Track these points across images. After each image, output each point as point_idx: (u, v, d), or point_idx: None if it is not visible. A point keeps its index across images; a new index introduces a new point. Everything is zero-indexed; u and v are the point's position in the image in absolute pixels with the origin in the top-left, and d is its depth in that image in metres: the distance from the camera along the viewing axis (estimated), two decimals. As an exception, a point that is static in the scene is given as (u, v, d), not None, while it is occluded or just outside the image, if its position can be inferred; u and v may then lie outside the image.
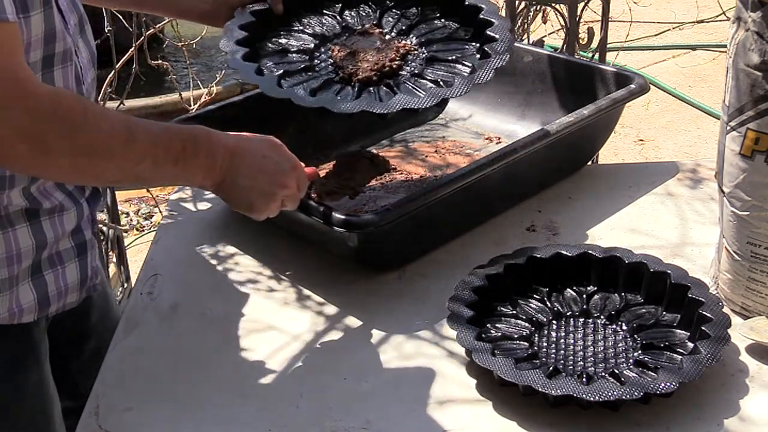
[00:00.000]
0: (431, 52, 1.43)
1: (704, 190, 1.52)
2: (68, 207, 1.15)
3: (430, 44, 1.45)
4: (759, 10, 1.08)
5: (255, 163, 1.12)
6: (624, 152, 3.64)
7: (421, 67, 1.40)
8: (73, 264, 1.17)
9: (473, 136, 1.72)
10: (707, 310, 1.14)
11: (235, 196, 1.12)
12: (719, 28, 4.61)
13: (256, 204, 1.13)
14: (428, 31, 1.48)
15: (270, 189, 1.12)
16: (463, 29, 1.46)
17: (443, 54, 1.42)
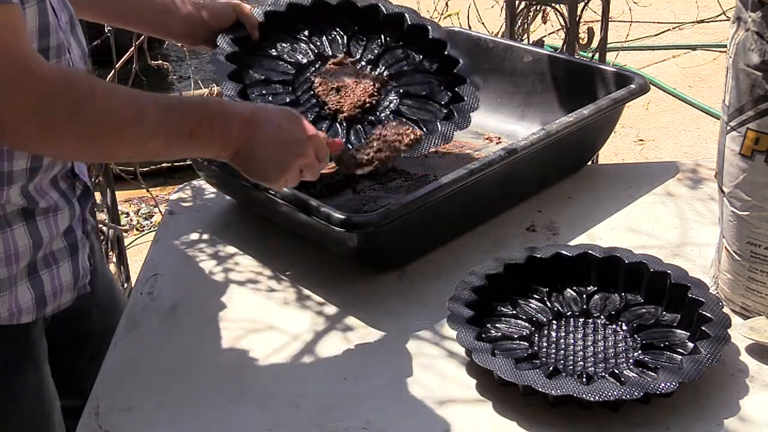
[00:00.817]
0: (402, 86, 1.52)
1: (704, 190, 1.52)
2: (62, 207, 1.15)
3: (400, 77, 1.54)
4: (759, 10, 1.08)
5: (271, 134, 1.11)
6: (624, 152, 3.64)
7: (396, 102, 1.50)
8: (67, 263, 1.17)
9: (473, 136, 1.72)
10: (707, 310, 1.14)
11: (250, 166, 1.12)
12: (719, 28, 4.61)
13: (272, 175, 1.13)
14: (395, 61, 1.56)
15: (286, 159, 1.12)
16: (426, 61, 1.56)
17: (414, 88, 1.53)
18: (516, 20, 2.45)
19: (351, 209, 1.44)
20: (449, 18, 3.44)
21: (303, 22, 1.57)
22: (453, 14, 3.40)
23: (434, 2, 3.59)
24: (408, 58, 1.56)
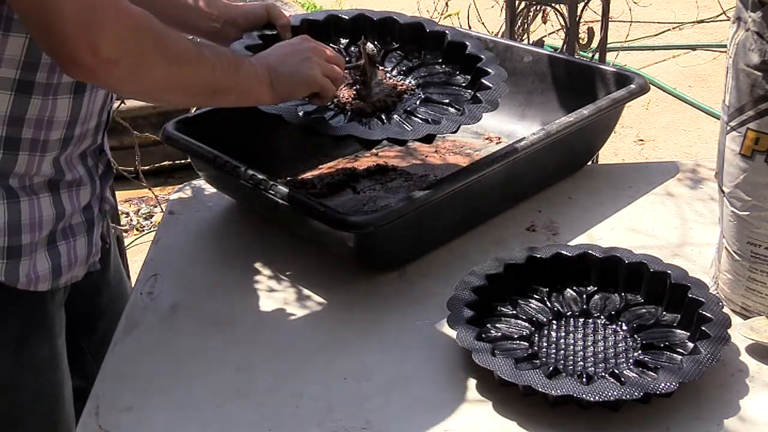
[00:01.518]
0: (427, 93, 1.48)
1: (704, 190, 1.52)
2: (85, 182, 1.19)
3: (428, 87, 1.50)
4: (759, 10, 1.08)
5: (283, 53, 1.25)
6: (624, 152, 3.64)
7: (414, 105, 1.45)
8: (83, 238, 1.20)
9: (473, 136, 1.72)
10: (707, 310, 1.14)
11: (290, 83, 1.24)
12: (719, 28, 4.61)
13: (304, 71, 1.25)
14: (428, 74, 1.53)
15: (304, 57, 1.25)
16: (461, 75, 1.53)
17: (438, 97, 1.48)
18: (516, 20, 2.46)
19: (351, 209, 1.44)
20: (449, 18, 3.44)
21: (341, 34, 1.56)
22: (453, 14, 3.40)
23: (434, 2, 3.59)
24: (444, 73, 1.54)
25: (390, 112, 1.43)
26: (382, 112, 1.42)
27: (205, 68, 1.12)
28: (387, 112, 1.43)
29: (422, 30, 1.57)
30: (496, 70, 1.47)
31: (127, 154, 2.58)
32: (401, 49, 1.58)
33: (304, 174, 1.60)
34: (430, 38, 1.56)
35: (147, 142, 2.72)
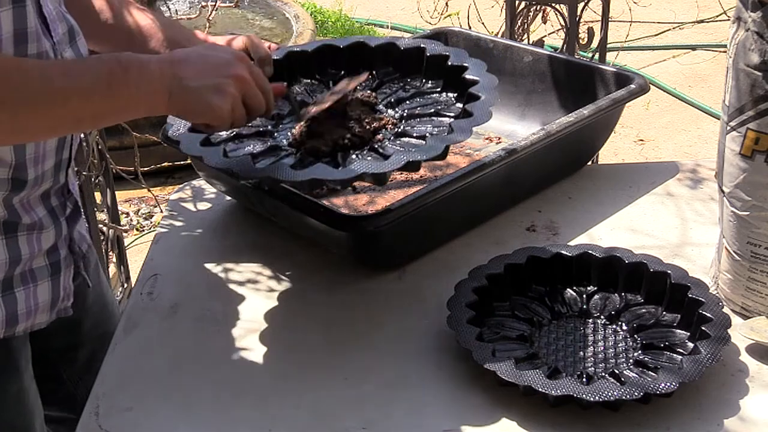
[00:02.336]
0: (408, 124, 1.29)
1: (704, 190, 1.52)
2: (47, 225, 1.13)
3: (412, 118, 1.31)
4: (759, 10, 1.08)
5: (197, 63, 1.06)
6: (624, 152, 3.64)
7: (389, 138, 1.26)
8: (46, 283, 1.14)
9: (473, 136, 1.71)
10: (707, 310, 1.14)
11: (190, 102, 1.05)
12: (719, 28, 4.62)
13: (212, 101, 1.05)
14: (420, 105, 1.34)
15: (216, 80, 1.05)
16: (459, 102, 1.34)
17: (420, 124, 1.29)
18: (516, 20, 2.46)
19: (351, 209, 1.44)
20: (449, 18, 3.44)
21: (335, 65, 1.43)
22: (453, 14, 3.40)
23: (434, 2, 3.59)
24: (436, 103, 1.34)
25: (359, 149, 1.24)
26: (347, 150, 1.23)
27: (51, 106, 0.97)
28: (355, 149, 1.24)
29: (422, 54, 1.40)
30: (485, 82, 1.29)
31: (126, 155, 2.59)
32: (400, 78, 1.41)
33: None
34: (429, 63, 1.39)
35: (147, 143, 2.72)
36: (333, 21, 4.87)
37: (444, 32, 1.86)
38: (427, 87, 1.38)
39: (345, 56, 1.42)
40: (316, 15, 4.89)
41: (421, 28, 4.00)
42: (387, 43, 1.42)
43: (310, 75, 1.42)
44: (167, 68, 1.04)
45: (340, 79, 1.35)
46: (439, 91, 1.36)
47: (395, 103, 1.34)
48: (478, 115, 1.19)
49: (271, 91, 1.13)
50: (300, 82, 1.42)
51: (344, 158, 1.20)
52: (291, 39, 3.99)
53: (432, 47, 1.39)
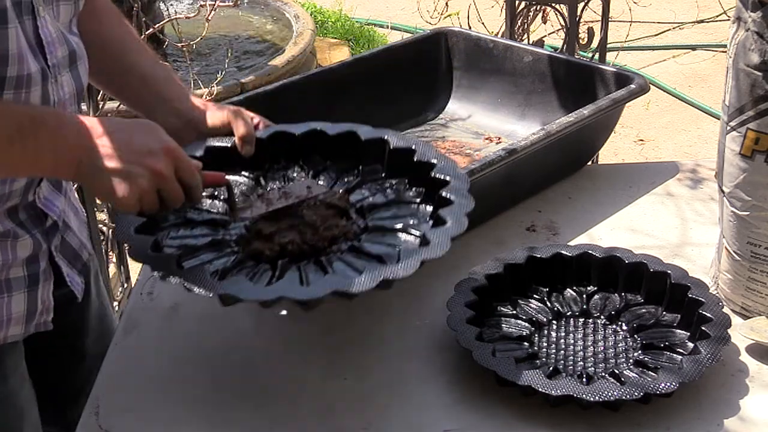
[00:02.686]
0: (374, 221, 1.17)
1: (704, 190, 1.52)
2: (21, 235, 1.10)
3: (375, 231, 1.16)
4: (759, 10, 1.08)
5: (117, 142, 0.99)
6: (624, 152, 3.64)
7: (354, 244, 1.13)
8: (22, 294, 1.12)
9: (473, 136, 1.72)
10: (707, 310, 1.13)
11: (95, 182, 1.00)
12: (719, 28, 4.62)
13: (117, 188, 0.99)
14: (392, 216, 1.17)
15: (131, 169, 0.98)
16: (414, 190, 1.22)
17: (389, 223, 1.16)
18: (516, 20, 2.46)
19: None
20: (449, 18, 3.44)
21: (322, 153, 1.29)
22: (453, 14, 3.40)
23: (434, 2, 3.59)
24: (411, 215, 1.17)
25: (309, 258, 1.11)
26: (295, 257, 1.10)
27: None
28: (304, 258, 1.10)
29: (412, 155, 1.24)
30: (456, 181, 1.17)
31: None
32: (384, 180, 1.25)
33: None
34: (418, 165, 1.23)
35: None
36: (333, 21, 4.87)
37: (444, 32, 1.86)
38: (409, 195, 1.21)
39: (333, 145, 1.27)
40: (316, 15, 4.89)
41: (421, 28, 4.00)
42: (378, 139, 1.26)
43: (294, 159, 1.27)
44: (85, 140, 0.99)
45: (322, 174, 1.25)
46: (419, 202, 1.19)
47: (368, 209, 1.18)
48: (432, 246, 1.05)
49: (198, 187, 1.05)
50: (273, 168, 1.27)
51: (283, 269, 1.07)
52: (291, 39, 3.99)
53: (423, 150, 1.22)
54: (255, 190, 1.23)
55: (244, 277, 1.06)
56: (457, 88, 1.84)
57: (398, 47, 1.86)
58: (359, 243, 1.10)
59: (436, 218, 1.09)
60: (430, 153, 1.22)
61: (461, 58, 1.83)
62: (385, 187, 1.21)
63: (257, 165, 1.24)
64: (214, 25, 2.92)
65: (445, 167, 1.20)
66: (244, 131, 1.22)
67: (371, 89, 1.74)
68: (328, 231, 1.12)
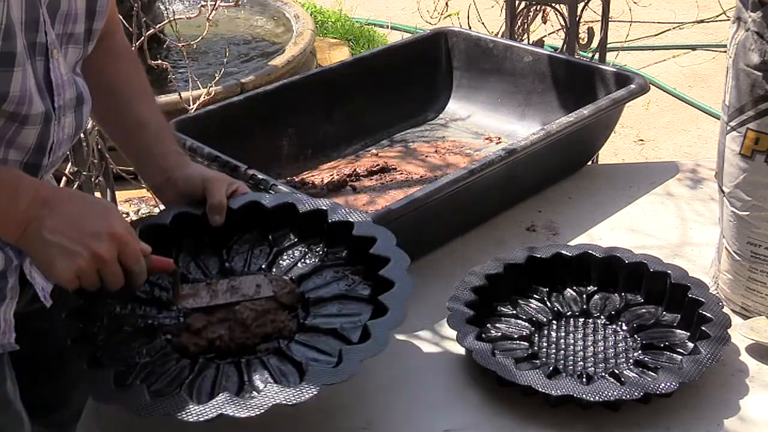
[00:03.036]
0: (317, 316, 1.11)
1: (704, 190, 1.52)
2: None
3: (310, 331, 1.10)
4: (759, 10, 1.08)
5: (66, 218, 0.99)
6: (624, 152, 3.63)
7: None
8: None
9: (473, 136, 1.72)
10: (707, 310, 1.14)
11: (37, 252, 1.00)
12: (719, 28, 4.61)
13: (57, 264, 0.98)
14: (329, 315, 1.12)
15: (73, 247, 0.98)
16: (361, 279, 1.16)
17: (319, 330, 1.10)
18: (516, 20, 2.46)
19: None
20: (449, 18, 3.44)
21: (292, 229, 1.23)
22: (453, 14, 3.40)
23: (434, 2, 3.59)
24: (352, 316, 1.11)
25: (236, 356, 1.07)
26: (221, 354, 1.07)
27: None
28: (231, 356, 1.07)
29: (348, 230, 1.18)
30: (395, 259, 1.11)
31: (127, 155, 2.58)
32: (344, 266, 1.18)
33: (304, 174, 1.60)
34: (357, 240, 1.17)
35: (147, 143, 2.71)
36: (333, 21, 4.87)
37: (444, 32, 1.86)
38: (360, 290, 1.14)
39: (303, 221, 1.22)
40: (316, 15, 4.89)
41: (421, 28, 4.00)
42: (343, 222, 1.18)
43: (264, 232, 1.24)
44: (36, 208, 0.98)
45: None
46: (368, 298, 1.12)
47: (313, 302, 1.13)
48: (344, 364, 0.99)
49: (141, 273, 1.03)
50: (242, 240, 1.24)
51: (201, 369, 1.04)
52: (291, 39, 3.99)
53: (384, 236, 1.15)
54: (207, 278, 1.18)
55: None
56: (457, 88, 1.84)
57: (398, 47, 1.87)
58: (287, 345, 1.06)
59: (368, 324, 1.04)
60: (388, 242, 1.15)
61: (461, 58, 1.83)
62: (340, 276, 1.16)
63: (227, 234, 1.22)
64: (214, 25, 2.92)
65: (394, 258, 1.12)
66: (215, 201, 1.20)
67: (371, 89, 1.75)
68: (260, 328, 1.08)
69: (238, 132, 1.55)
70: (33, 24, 0.99)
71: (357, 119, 1.73)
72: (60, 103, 1.07)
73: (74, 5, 1.06)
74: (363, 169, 1.58)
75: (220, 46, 3.95)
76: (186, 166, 1.24)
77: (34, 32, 1.00)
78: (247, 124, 1.58)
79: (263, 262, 1.19)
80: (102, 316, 1.10)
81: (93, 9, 1.10)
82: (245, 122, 1.58)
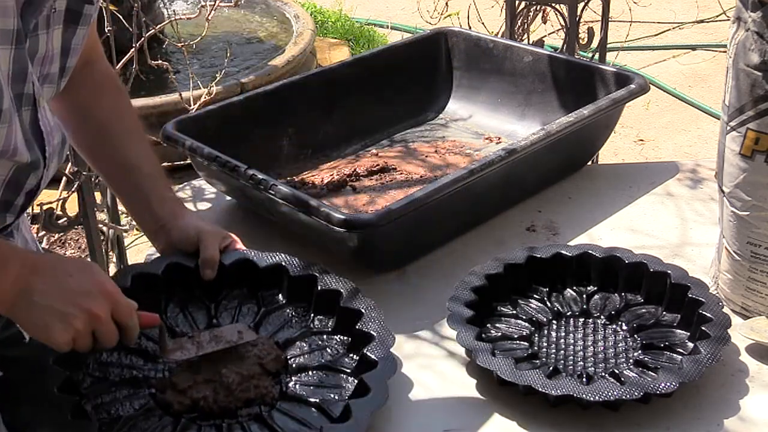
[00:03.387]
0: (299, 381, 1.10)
1: (704, 190, 1.52)
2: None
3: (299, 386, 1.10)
4: (759, 10, 1.08)
5: (56, 281, 0.98)
6: (624, 152, 3.63)
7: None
8: None
9: (473, 136, 1.72)
10: (707, 310, 1.14)
11: (31, 318, 0.98)
12: (719, 28, 4.61)
13: (52, 327, 0.96)
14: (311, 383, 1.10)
15: (66, 309, 0.97)
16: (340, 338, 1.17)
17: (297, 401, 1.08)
18: (516, 20, 2.46)
19: (351, 209, 1.44)
20: (449, 18, 3.44)
21: (280, 286, 1.23)
22: (453, 14, 3.40)
23: (434, 2, 3.59)
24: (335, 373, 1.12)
25: (218, 419, 1.05)
26: (204, 414, 1.06)
27: None
28: (213, 418, 1.05)
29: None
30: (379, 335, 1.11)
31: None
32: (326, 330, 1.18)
33: (304, 174, 1.60)
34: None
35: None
36: (333, 21, 4.87)
37: (444, 32, 1.86)
38: (344, 362, 1.13)
39: (294, 283, 1.23)
40: (316, 15, 4.89)
41: (421, 28, 4.00)
42: (332, 291, 1.20)
43: (256, 290, 1.24)
44: (26, 275, 0.97)
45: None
46: (350, 373, 1.11)
47: (296, 370, 1.12)
48: None
49: (134, 327, 1.03)
50: (231, 296, 1.24)
51: (183, 429, 1.03)
52: (291, 39, 3.99)
53: (371, 311, 1.15)
54: (190, 331, 1.17)
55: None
56: (457, 88, 1.84)
57: (398, 47, 1.86)
58: (269, 413, 1.05)
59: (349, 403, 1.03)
60: (375, 317, 1.15)
61: (461, 58, 1.83)
62: (324, 345, 1.16)
63: (217, 288, 1.22)
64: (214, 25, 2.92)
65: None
66: (207, 255, 1.20)
67: (371, 89, 1.75)
68: (243, 393, 1.06)
69: (238, 132, 1.55)
70: (21, 75, 0.96)
71: (357, 119, 1.73)
72: (50, 151, 1.05)
73: (51, 46, 1.03)
74: (363, 169, 1.58)
75: (220, 46, 3.95)
76: (181, 216, 1.23)
77: (21, 83, 0.97)
78: (247, 124, 1.58)
79: (250, 321, 1.19)
80: (88, 362, 1.10)
81: (68, 47, 1.07)
82: (245, 122, 1.58)
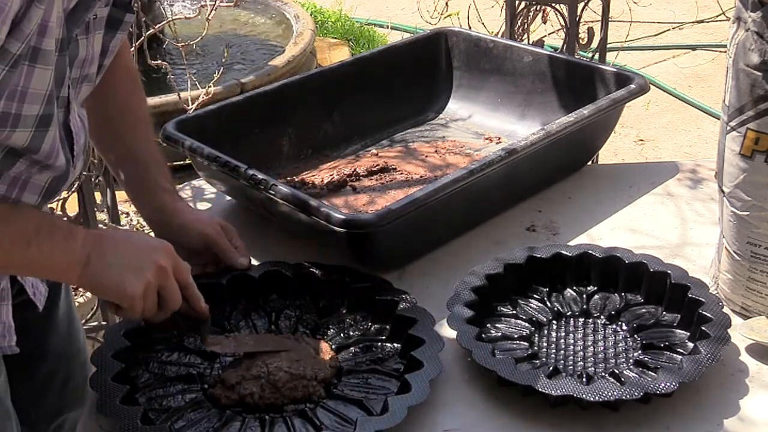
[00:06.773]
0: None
1: (704, 190, 1.52)
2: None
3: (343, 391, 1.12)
4: (759, 10, 1.08)
5: (121, 241, 1.06)
6: (624, 152, 3.64)
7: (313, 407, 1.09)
8: None
9: (473, 136, 1.72)
10: (707, 310, 1.14)
11: (105, 276, 1.03)
12: (719, 28, 4.61)
13: (127, 279, 1.02)
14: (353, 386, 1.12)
15: (137, 263, 1.04)
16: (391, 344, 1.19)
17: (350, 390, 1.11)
18: (516, 20, 2.46)
19: (352, 209, 1.44)
20: (449, 18, 3.44)
21: (279, 291, 1.28)
22: (453, 14, 3.40)
23: (434, 2, 3.59)
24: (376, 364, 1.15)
25: (265, 413, 1.08)
26: (252, 409, 1.08)
27: None
28: (259, 412, 1.08)
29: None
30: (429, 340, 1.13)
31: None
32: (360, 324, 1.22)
33: (304, 174, 1.60)
34: None
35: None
36: (333, 21, 4.87)
37: (444, 32, 1.86)
38: (391, 365, 1.15)
39: (324, 287, 1.26)
40: (316, 15, 4.89)
41: (421, 28, 4.00)
42: (365, 287, 1.24)
43: (317, 300, 1.26)
44: (92, 239, 1.03)
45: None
46: (384, 340, 1.18)
47: (345, 372, 1.14)
48: None
49: (193, 287, 1.09)
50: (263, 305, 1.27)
51: (227, 420, 1.06)
52: (291, 39, 3.99)
53: (424, 318, 1.17)
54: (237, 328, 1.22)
55: None
56: (457, 88, 1.84)
57: (398, 47, 1.86)
58: (314, 410, 1.07)
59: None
60: (426, 321, 1.17)
61: (461, 58, 1.83)
62: (377, 350, 1.18)
63: (249, 299, 1.26)
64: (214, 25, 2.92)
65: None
66: (240, 243, 1.28)
67: (371, 89, 1.75)
68: (291, 392, 1.08)
69: (238, 132, 1.55)
70: (60, 80, 0.99)
71: (357, 119, 1.73)
72: (77, 150, 1.08)
73: (91, 50, 1.05)
74: (363, 169, 1.58)
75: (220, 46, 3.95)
76: (180, 212, 1.27)
77: (59, 88, 1.00)
78: (247, 124, 1.58)
79: (309, 328, 1.22)
80: (149, 361, 1.15)
81: (107, 48, 1.09)
82: (245, 122, 1.58)
